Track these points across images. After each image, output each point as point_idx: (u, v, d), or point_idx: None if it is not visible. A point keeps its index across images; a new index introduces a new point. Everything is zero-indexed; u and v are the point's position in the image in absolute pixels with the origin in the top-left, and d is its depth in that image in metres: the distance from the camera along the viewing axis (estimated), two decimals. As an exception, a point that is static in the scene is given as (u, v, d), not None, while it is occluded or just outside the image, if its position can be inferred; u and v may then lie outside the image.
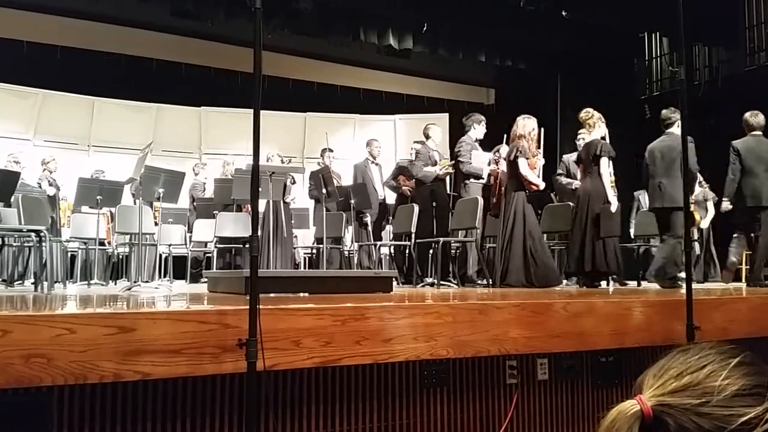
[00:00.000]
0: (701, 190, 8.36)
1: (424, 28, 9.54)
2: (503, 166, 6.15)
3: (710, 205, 8.57)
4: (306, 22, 8.97)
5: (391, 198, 8.25)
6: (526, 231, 5.59)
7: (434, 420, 3.03)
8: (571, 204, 6.83)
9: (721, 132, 6.50)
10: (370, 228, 7.91)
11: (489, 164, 6.78)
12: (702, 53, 10.55)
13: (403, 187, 7.60)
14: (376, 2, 9.08)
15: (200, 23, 9.30)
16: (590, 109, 5.99)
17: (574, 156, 7.23)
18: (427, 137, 7.40)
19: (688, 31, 3.26)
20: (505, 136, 6.34)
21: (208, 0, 8.57)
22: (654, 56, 11.40)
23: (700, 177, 7.58)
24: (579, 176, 6.63)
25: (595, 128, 5.86)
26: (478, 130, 7.01)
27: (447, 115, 11.08)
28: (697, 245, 8.17)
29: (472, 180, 6.82)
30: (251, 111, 2.31)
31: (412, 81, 11.82)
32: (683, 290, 3.44)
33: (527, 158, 5.69)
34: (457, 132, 9.61)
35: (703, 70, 10.53)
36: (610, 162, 5.69)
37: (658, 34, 11.20)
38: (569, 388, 3.40)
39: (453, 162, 7.10)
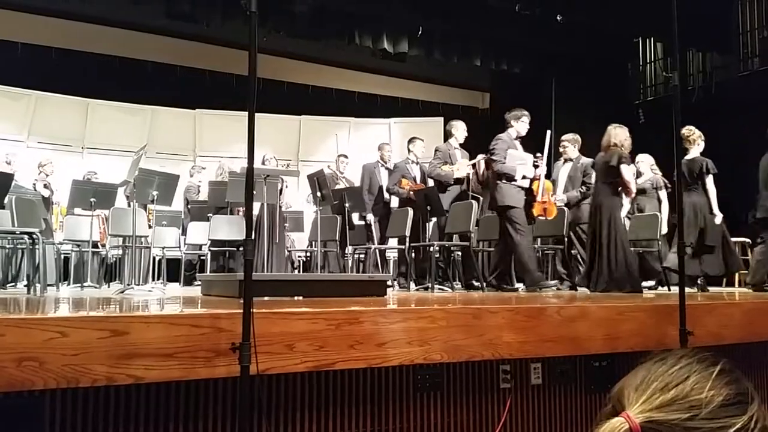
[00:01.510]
0: (652, 176, 7.43)
1: (419, 32, 9.56)
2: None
3: (663, 195, 7.39)
4: (301, 25, 8.97)
5: (395, 202, 8.16)
6: (623, 237, 5.71)
7: (428, 424, 3.02)
8: (566, 209, 6.86)
9: (715, 137, 6.52)
10: (374, 229, 7.88)
11: (535, 165, 6.34)
12: (696, 58, 10.60)
13: (401, 190, 7.43)
14: (371, 5, 9.09)
15: (195, 25, 9.29)
16: (692, 127, 6.22)
17: (560, 162, 7.30)
18: (449, 135, 7.13)
19: (682, 36, 3.27)
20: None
21: (204, 2, 8.56)
22: (648, 61, 11.45)
23: (651, 161, 7.46)
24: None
25: (694, 146, 6.21)
26: (518, 126, 6.42)
27: (441, 119, 11.09)
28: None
29: (504, 181, 6.22)
30: (246, 113, 2.30)
31: (407, 84, 11.84)
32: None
33: (629, 164, 5.84)
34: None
35: (696, 75, 10.57)
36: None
37: (652, 39, 11.24)
38: (563, 393, 3.40)
39: (473, 162, 7.00)
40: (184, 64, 10.54)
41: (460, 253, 6.97)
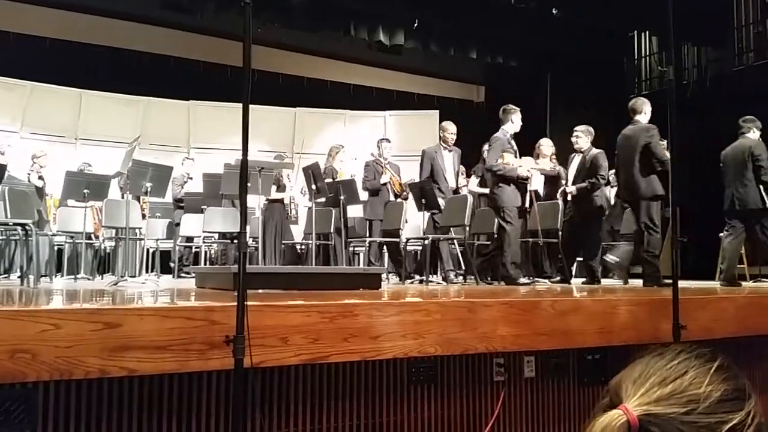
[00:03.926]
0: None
1: (415, 25, 9.53)
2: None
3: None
4: (297, 17, 8.93)
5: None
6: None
7: (422, 417, 3.03)
8: (559, 202, 6.87)
9: (710, 131, 6.54)
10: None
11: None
12: (691, 53, 10.60)
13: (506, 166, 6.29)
14: (368, -2, 9.07)
15: (190, 16, 9.23)
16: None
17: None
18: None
19: (677, 30, 3.28)
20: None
21: (198, -7, 8.52)
22: (643, 55, 11.45)
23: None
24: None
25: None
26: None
27: (437, 112, 11.08)
28: None
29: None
30: (240, 105, 2.29)
31: (403, 77, 11.80)
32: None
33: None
34: (447, 128, 9.62)
35: (691, 69, 10.57)
36: None
37: (647, 33, 11.24)
38: (556, 386, 3.42)
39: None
40: (179, 55, 10.47)
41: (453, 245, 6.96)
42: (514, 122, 6.25)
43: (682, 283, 3.26)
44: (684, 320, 3.05)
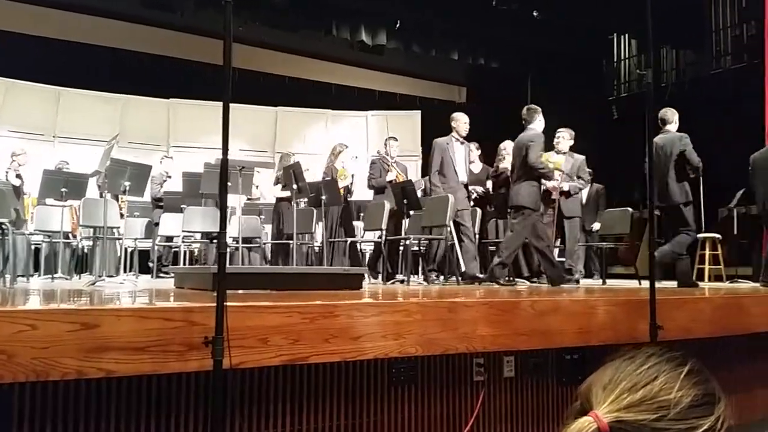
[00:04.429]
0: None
1: (397, 25, 9.54)
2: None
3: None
4: (278, 16, 8.90)
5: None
6: None
7: (402, 417, 3.04)
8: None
9: (687, 133, 6.62)
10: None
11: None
12: (669, 56, 10.73)
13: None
14: (350, -3, 9.07)
15: (170, 14, 9.16)
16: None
17: (551, 155, 7.30)
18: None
19: (656, 33, 3.31)
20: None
21: (179, -10, 8.46)
22: (623, 58, 11.56)
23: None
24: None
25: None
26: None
27: (419, 112, 11.10)
28: None
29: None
30: (221, 104, 2.28)
31: (385, 77, 11.81)
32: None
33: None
34: (429, 129, 9.66)
35: (670, 72, 10.70)
36: None
37: (626, 36, 11.35)
38: (535, 386, 3.44)
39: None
40: (159, 52, 10.38)
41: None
42: (541, 120, 6.17)
43: (659, 284, 3.29)
44: (661, 320, 3.08)
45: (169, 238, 8.07)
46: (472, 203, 7.07)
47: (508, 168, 6.88)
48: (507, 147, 7.39)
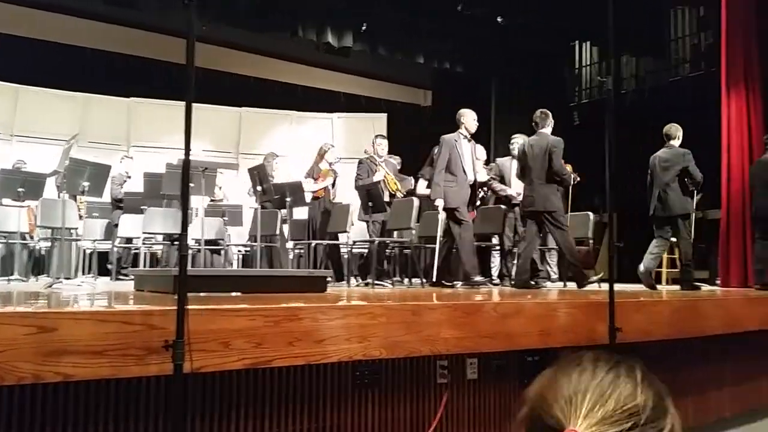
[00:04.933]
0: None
1: (363, 27, 9.54)
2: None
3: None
4: (244, 16, 8.82)
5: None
6: None
7: (365, 421, 3.03)
8: (502, 207, 6.99)
9: (647, 141, 6.76)
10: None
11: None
12: (630, 63, 10.93)
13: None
14: (316, -1, 9.03)
15: (132, 11, 9.01)
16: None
17: (507, 160, 7.37)
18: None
19: (617, 41, 3.38)
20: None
21: (142, -12, 8.33)
22: (584, 65, 11.75)
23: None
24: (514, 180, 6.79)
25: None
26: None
27: (385, 115, 11.11)
28: None
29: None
30: (183, 103, 2.25)
31: (351, 80, 11.80)
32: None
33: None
34: (394, 132, 9.68)
35: (630, 79, 10.91)
36: None
37: (588, 43, 11.54)
38: (498, 387, 3.47)
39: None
40: (120, 50, 10.19)
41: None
42: (552, 124, 6.17)
43: (618, 287, 3.35)
44: (620, 323, 3.14)
45: (129, 240, 7.93)
46: (478, 203, 7.07)
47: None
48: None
